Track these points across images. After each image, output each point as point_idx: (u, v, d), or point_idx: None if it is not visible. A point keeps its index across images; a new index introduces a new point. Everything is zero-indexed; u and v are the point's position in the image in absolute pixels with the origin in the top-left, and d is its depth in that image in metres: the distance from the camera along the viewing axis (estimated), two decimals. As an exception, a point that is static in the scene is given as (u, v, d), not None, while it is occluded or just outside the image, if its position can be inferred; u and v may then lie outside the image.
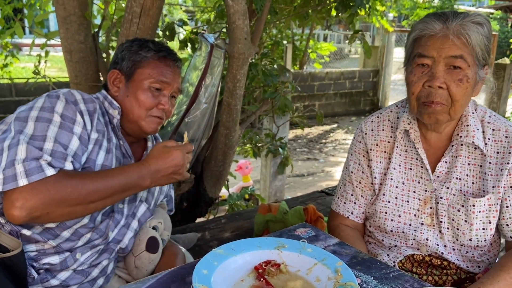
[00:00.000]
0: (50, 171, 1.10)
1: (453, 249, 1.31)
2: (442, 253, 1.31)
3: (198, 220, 2.48)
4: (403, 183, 1.34)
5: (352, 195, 1.43)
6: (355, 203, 1.42)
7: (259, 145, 2.86)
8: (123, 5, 2.51)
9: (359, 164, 1.41)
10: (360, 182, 1.41)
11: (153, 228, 1.50)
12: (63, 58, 2.21)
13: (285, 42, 7.95)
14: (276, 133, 2.78)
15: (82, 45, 2.11)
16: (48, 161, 1.12)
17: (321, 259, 0.94)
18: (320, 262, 0.94)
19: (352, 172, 1.42)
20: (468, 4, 18.42)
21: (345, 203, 1.44)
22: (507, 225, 1.28)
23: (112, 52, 2.49)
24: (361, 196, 1.41)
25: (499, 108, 4.27)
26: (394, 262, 1.33)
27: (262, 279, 0.89)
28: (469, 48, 1.17)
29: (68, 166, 1.16)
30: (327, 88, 9.30)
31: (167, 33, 2.40)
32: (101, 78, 2.29)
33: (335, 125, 8.84)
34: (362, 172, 1.40)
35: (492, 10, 16.33)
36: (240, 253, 0.96)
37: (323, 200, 2.44)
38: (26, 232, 1.19)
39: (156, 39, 2.31)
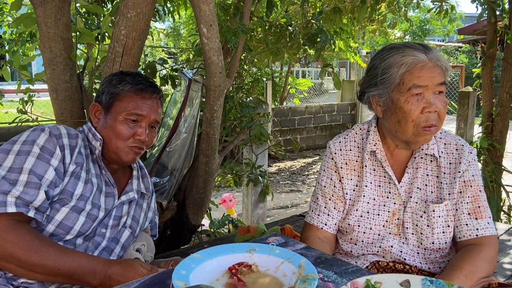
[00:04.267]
0: (11, 208, 1.19)
1: (417, 253, 1.44)
2: (405, 259, 1.44)
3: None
4: (374, 199, 1.48)
5: (325, 207, 1.54)
6: (328, 214, 1.53)
7: (240, 174, 2.98)
8: (106, 46, 2.67)
9: (331, 179, 1.54)
10: (332, 196, 1.53)
11: (137, 250, 1.59)
12: (45, 103, 2.33)
13: (264, 79, 8.25)
14: (255, 162, 2.91)
15: (68, 84, 2.24)
16: (16, 196, 1.21)
17: (287, 258, 1.06)
18: (286, 260, 1.05)
19: (325, 187, 1.55)
20: (438, 39, 19.31)
21: (318, 215, 1.55)
22: (457, 227, 1.42)
23: (95, 95, 2.61)
24: (334, 208, 1.53)
25: (466, 134, 4.49)
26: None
27: (235, 277, 1.00)
28: (445, 73, 1.35)
29: (40, 199, 1.24)
30: (307, 122, 9.54)
31: (149, 71, 2.56)
32: (86, 115, 2.41)
33: (316, 157, 9.03)
34: (334, 186, 1.53)
35: (461, 44, 17.18)
36: (215, 257, 1.07)
37: (301, 223, 2.55)
38: None
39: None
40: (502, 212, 4.24)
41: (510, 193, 4.33)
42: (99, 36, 2.75)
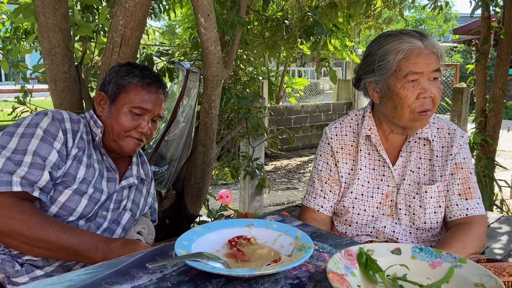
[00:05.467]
0: (16, 188, 1.22)
1: (410, 233, 1.48)
2: (397, 238, 1.48)
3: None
4: (368, 182, 1.52)
5: (321, 190, 1.58)
6: (324, 197, 1.58)
7: (237, 167, 3.01)
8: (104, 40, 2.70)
9: (327, 164, 1.59)
10: (328, 179, 1.58)
11: (138, 233, 1.63)
12: (40, 102, 2.35)
13: (260, 78, 8.30)
14: (252, 154, 2.95)
15: (66, 75, 2.26)
16: (21, 175, 1.24)
17: (284, 231, 1.10)
18: (283, 233, 1.09)
19: (321, 171, 1.59)
20: (433, 39, 19.39)
21: (315, 198, 1.59)
22: (447, 207, 1.46)
23: (92, 94, 2.63)
24: (330, 191, 1.57)
25: (460, 128, 4.56)
26: (355, 247, 1.49)
27: (235, 248, 1.04)
28: (440, 60, 1.39)
29: (44, 179, 1.27)
30: (303, 121, 9.58)
31: (146, 63, 2.59)
32: (84, 107, 2.43)
33: (312, 156, 9.07)
34: (330, 170, 1.58)
35: (456, 44, 17.33)
36: (215, 230, 1.11)
37: (297, 213, 2.59)
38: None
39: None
40: (494, 206, 4.30)
41: (503, 187, 4.39)
42: (95, 33, 2.77)
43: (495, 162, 4.47)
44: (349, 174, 1.56)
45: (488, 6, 4.04)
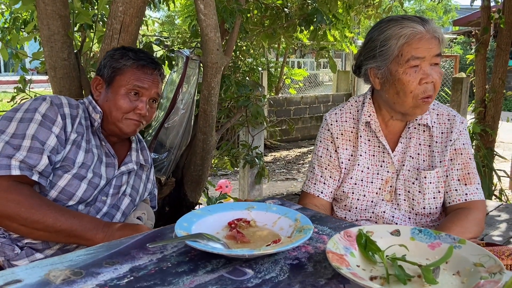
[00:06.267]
0: (15, 171, 1.22)
1: (409, 218, 1.49)
2: (396, 223, 1.49)
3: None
4: (368, 168, 1.53)
5: (321, 176, 1.59)
6: (324, 183, 1.58)
7: (236, 156, 3.02)
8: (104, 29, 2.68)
9: (327, 150, 1.59)
10: (328, 165, 1.58)
11: (138, 218, 1.63)
12: (38, 94, 2.33)
13: (260, 69, 8.27)
14: (251, 143, 2.95)
15: (66, 62, 2.25)
16: (20, 159, 1.24)
17: (284, 213, 1.10)
18: (283, 215, 1.10)
19: (321, 157, 1.60)
20: (433, 31, 19.31)
21: (315, 184, 1.60)
22: (447, 192, 1.47)
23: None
24: (330, 177, 1.58)
25: (459, 118, 4.56)
26: (354, 232, 1.50)
27: (234, 230, 1.04)
28: (441, 45, 1.39)
29: (43, 163, 1.27)
30: (303, 112, 9.57)
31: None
32: (84, 94, 2.43)
33: (312, 147, 9.08)
34: (330, 156, 1.58)
35: (455, 36, 17.27)
36: (215, 213, 1.11)
37: (297, 201, 2.60)
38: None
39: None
40: (493, 196, 4.31)
41: (502, 178, 4.41)
42: (94, 23, 2.75)
43: (495, 152, 4.49)
44: (349, 160, 1.56)
45: (489, -5, 4.02)
